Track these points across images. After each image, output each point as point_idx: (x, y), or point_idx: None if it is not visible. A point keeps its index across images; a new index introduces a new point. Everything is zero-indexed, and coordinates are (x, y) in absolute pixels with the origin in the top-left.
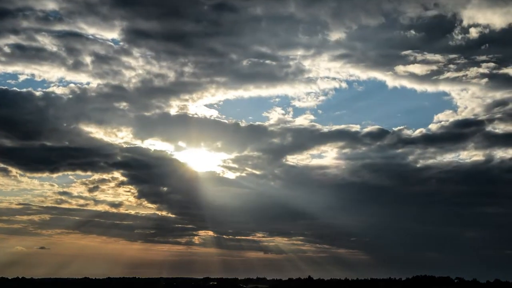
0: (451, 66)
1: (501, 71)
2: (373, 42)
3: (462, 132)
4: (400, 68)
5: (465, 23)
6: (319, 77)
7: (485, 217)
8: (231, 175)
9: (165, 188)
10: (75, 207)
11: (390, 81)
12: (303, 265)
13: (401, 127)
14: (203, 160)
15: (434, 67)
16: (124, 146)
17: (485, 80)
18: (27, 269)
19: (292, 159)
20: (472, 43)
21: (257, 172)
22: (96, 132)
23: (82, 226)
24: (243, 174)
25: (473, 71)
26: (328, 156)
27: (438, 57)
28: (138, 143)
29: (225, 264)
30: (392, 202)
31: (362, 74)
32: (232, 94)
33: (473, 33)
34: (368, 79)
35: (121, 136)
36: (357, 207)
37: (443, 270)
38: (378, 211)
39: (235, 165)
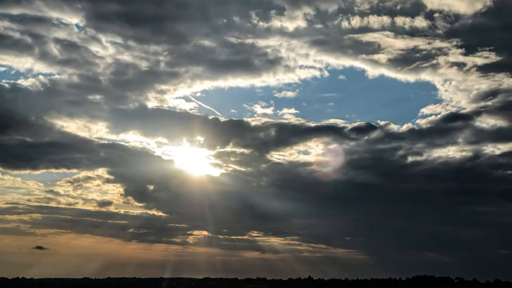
0: (423, 54)
1: (470, 59)
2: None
3: (450, 126)
4: (363, 57)
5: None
6: (297, 66)
7: (484, 216)
8: (215, 172)
9: (151, 186)
10: (65, 206)
11: (369, 70)
12: (300, 265)
13: (387, 121)
14: (185, 156)
15: (402, 55)
16: (103, 142)
17: (455, 68)
18: (26, 269)
19: (278, 155)
20: (439, 30)
21: (242, 169)
22: (68, 126)
23: (75, 226)
24: (227, 171)
25: (441, 59)
26: (313, 152)
27: (404, 44)
28: (116, 138)
29: (223, 264)
30: (384, 200)
31: (336, 61)
32: (210, 84)
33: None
34: (345, 68)
35: (96, 130)
36: (348, 205)
37: (443, 270)
38: (370, 209)
39: (218, 162)
